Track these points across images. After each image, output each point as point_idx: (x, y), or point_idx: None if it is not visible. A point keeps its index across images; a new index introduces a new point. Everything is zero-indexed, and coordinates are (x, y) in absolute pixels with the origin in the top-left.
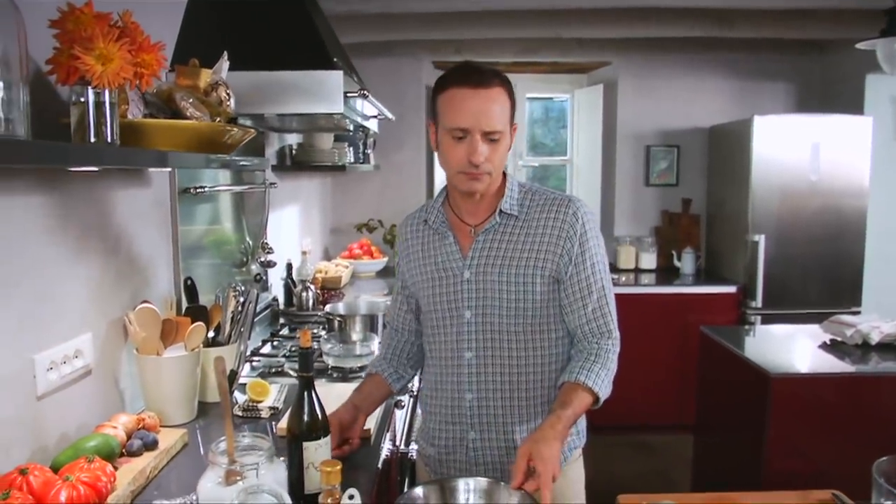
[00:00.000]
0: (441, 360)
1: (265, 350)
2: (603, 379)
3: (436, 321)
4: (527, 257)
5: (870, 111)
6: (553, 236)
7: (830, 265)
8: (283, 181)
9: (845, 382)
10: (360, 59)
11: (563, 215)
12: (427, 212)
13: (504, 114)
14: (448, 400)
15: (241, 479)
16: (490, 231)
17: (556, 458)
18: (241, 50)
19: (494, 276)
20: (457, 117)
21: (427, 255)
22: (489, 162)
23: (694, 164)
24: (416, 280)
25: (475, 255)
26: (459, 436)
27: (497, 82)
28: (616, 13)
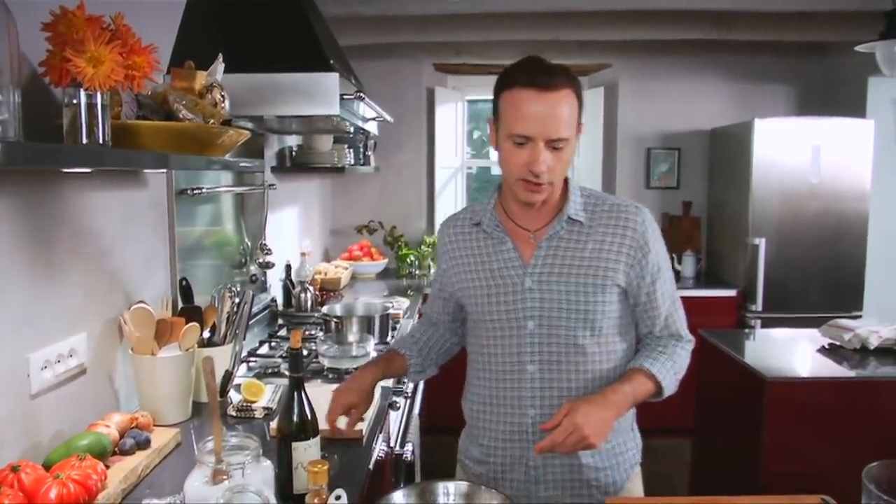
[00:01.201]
0: (497, 374)
1: (262, 351)
2: (668, 370)
3: (492, 331)
4: (595, 266)
5: (871, 114)
6: (623, 245)
7: (831, 269)
8: (283, 182)
9: (842, 387)
10: (360, 62)
11: (633, 224)
12: (478, 214)
13: (571, 119)
14: (507, 416)
15: (228, 479)
16: (554, 238)
17: (597, 421)
18: (238, 52)
19: (560, 286)
20: (520, 123)
21: (479, 260)
22: (551, 172)
23: (694, 166)
24: (464, 286)
25: (538, 262)
26: (519, 454)
27: (565, 83)
28: (615, 16)
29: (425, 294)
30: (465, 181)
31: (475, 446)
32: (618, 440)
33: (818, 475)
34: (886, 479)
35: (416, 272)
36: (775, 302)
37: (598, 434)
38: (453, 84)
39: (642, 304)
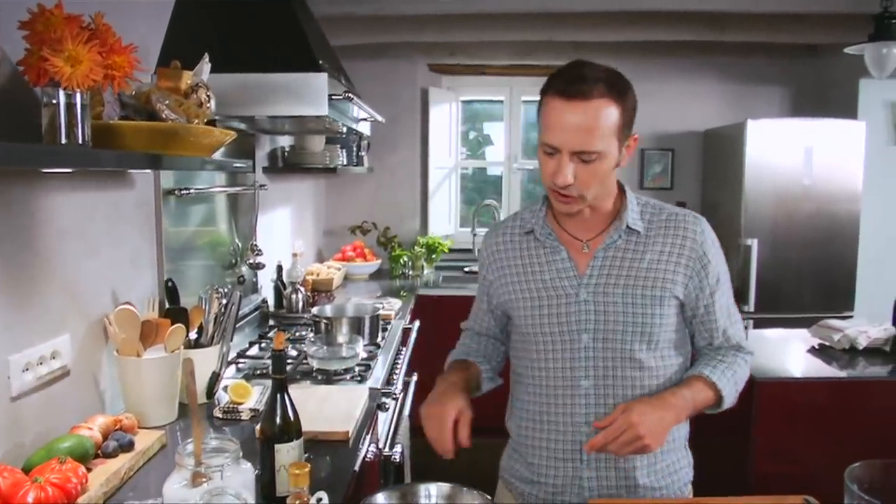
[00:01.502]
0: (548, 389)
1: (252, 352)
2: (728, 379)
3: (542, 344)
4: (654, 277)
5: (863, 116)
6: (682, 255)
7: (824, 269)
8: (275, 183)
9: (831, 387)
10: (354, 62)
11: (692, 234)
12: (528, 222)
13: (605, 130)
14: (559, 433)
15: (207, 481)
16: (611, 248)
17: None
18: (227, 51)
19: (617, 298)
20: (548, 132)
21: (530, 269)
22: (583, 185)
23: (688, 167)
24: (511, 297)
25: (594, 273)
26: (572, 474)
27: (601, 91)
28: (609, 17)
29: (418, 295)
30: (458, 182)
31: (523, 465)
32: (672, 458)
33: (808, 475)
34: (868, 479)
35: (410, 273)
36: (768, 302)
37: (655, 436)
38: (448, 84)
39: (700, 316)
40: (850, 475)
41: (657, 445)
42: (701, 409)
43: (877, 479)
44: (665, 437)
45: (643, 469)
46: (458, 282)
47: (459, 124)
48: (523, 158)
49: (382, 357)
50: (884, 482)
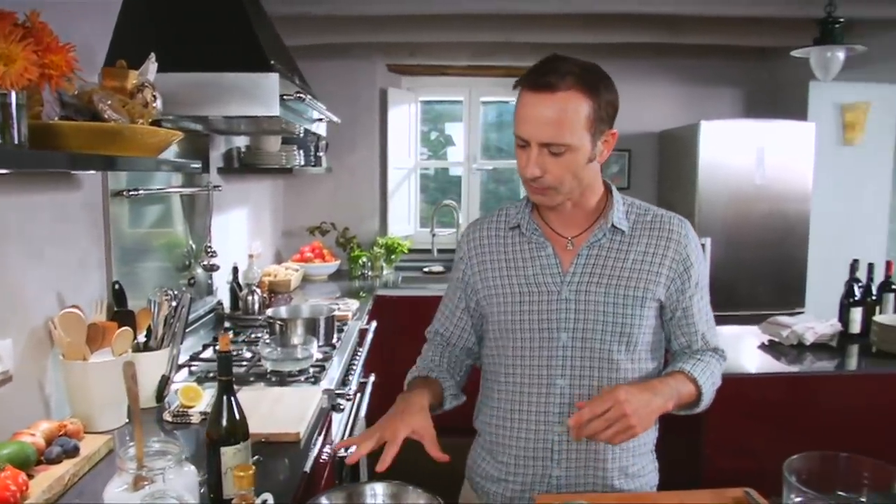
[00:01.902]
0: (522, 387)
1: (206, 354)
2: (707, 377)
3: (520, 341)
4: (636, 277)
5: (813, 117)
6: (665, 257)
7: (776, 267)
8: (231, 184)
9: (780, 382)
10: (312, 62)
11: (676, 236)
12: (514, 217)
13: (575, 123)
14: (531, 432)
15: (149, 484)
16: (595, 246)
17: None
18: (177, 51)
19: (599, 297)
20: (518, 125)
21: (513, 265)
22: (552, 178)
23: (644, 167)
24: (491, 292)
25: (577, 271)
26: (541, 472)
27: (570, 84)
28: (566, 19)
29: (377, 295)
30: (418, 182)
31: (491, 464)
32: (642, 462)
33: (758, 469)
34: (806, 471)
35: (369, 273)
36: (722, 300)
37: (641, 418)
38: (407, 85)
39: (678, 318)
40: (788, 467)
41: (643, 428)
42: (683, 404)
43: (814, 471)
44: (652, 421)
45: (614, 471)
46: (417, 282)
47: (419, 124)
48: (483, 159)
49: (338, 358)
50: (821, 473)
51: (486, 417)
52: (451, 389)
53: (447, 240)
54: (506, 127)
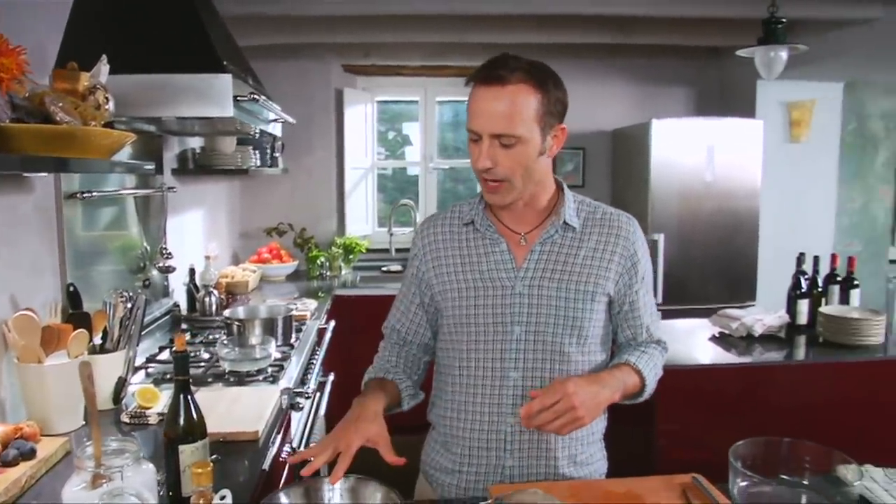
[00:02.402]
0: (476, 379)
1: (162, 356)
2: (651, 369)
3: (474, 335)
4: (587, 273)
5: (761, 115)
6: (615, 253)
7: (727, 262)
8: (186, 185)
9: (730, 372)
10: (267, 62)
11: (625, 233)
12: (467, 213)
13: (524, 115)
14: (485, 423)
15: (107, 482)
16: (548, 242)
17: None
18: (129, 52)
19: (552, 292)
20: (470, 119)
21: (468, 261)
22: (506, 169)
23: (598, 166)
24: (446, 287)
25: (530, 266)
26: (494, 463)
27: (519, 78)
28: (519, 19)
29: (336, 295)
30: (375, 182)
31: (445, 456)
32: (591, 450)
33: (709, 458)
34: (751, 456)
35: (327, 274)
36: (675, 295)
37: (589, 409)
38: (363, 85)
39: (625, 312)
40: (734, 452)
41: (590, 419)
42: (629, 394)
43: (759, 456)
44: (600, 411)
45: (564, 459)
46: (376, 281)
47: (375, 124)
48: (440, 158)
49: (296, 357)
50: (765, 458)
51: (441, 410)
52: (408, 390)
53: (405, 239)
54: (461, 126)
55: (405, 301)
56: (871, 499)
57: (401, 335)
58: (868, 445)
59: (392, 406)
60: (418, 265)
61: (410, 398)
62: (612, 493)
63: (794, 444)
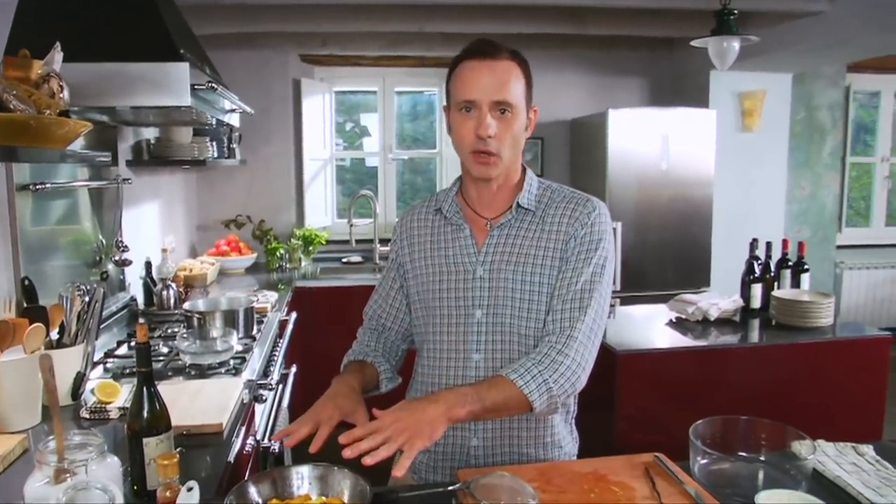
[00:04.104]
0: (441, 361)
1: (121, 351)
2: (534, 378)
3: (440, 318)
4: (542, 255)
5: (714, 105)
6: (566, 234)
7: (683, 249)
8: (141, 177)
9: (686, 356)
10: (223, 51)
11: (578, 213)
12: (439, 201)
13: (516, 88)
14: None
15: (71, 477)
16: (505, 226)
17: (411, 423)
18: (82, 40)
19: (508, 275)
20: (465, 89)
21: (437, 246)
22: (500, 140)
23: (557, 155)
24: (417, 273)
25: (489, 250)
26: (460, 443)
27: (508, 56)
28: (477, 9)
29: (296, 287)
30: (334, 173)
31: None
32: (559, 432)
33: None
34: (710, 434)
35: (287, 265)
36: (633, 281)
37: (418, 430)
38: (321, 75)
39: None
40: (694, 431)
41: (422, 440)
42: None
43: (717, 434)
44: (436, 429)
45: (529, 440)
46: (336, 273)
47: (334, 115)
48: (399, 148)
49: (258, 349)
50: (723, 435)
51: (413, 392)
52: (386, 373)
53: (365, 230)
54: (420, 117)
55: (385, 286)
56: (824, 472)
57: (380, 321)
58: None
59: (370, 387)
60: (397, 251)
61: (388, 381)
62: (578, 474)
63: (751, 422)
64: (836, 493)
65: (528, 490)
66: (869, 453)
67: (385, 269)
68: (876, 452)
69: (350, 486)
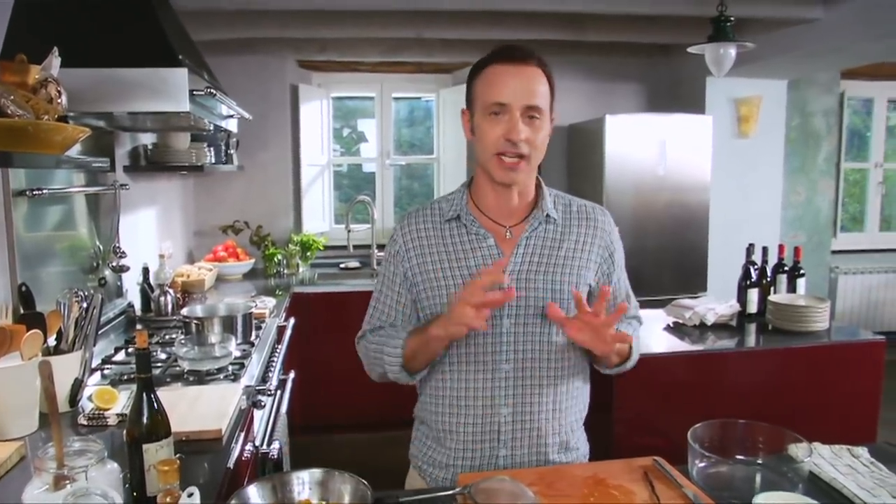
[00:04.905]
0: (468, 374)
1: (118, 357)
2: (636, 341)
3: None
4: (571, 265)
5: (710, 110)
6: (595, 245)
7: (679, 253)
8: (139, 183)
9: (684, 360)
10: (221, 57)
11: (601, 224)
12: (450, 209)
13: (544, 93)
14: (478, 417)
15: (71, 483)
16: (533, 235)
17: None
18: (80, 46)
19: (539, 284)
20: (495, 92)
21: (454, 256)
22: (529, 144)
23: (555, 161)
24: (434, 284)
25: (518, 260)
26: (489, 454)
27: (538, 63)
28: (475, 15)
29: (294, 293)
30: (332, 179)
31: (438, 451)
32: (577, 436)
33: (667, 443)
34: (708, 438)
35: (285, 271)
36: (631, 286)
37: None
38: (318, 81)
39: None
40: (692, 435)
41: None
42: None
43: (716, 437)
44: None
45: (554, 446)
46: (334, 279)
47: (331, 121)
48: (396, 154)
49: (257, 355)
50: (722, 438)
51: (432, 407)
52: None
53: (362, 235)
54: (418, 123)
55: (392, 296)
56: (820, 474)
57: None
58: (815, 425)
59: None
60: (401, 263)
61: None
62: (577, 478)
63: (749, 425)
64: (831, 494)
65: (528, 494)
66: (864, 455)
67: (384, 282)
68: (870, 454)
69: (350, 490)
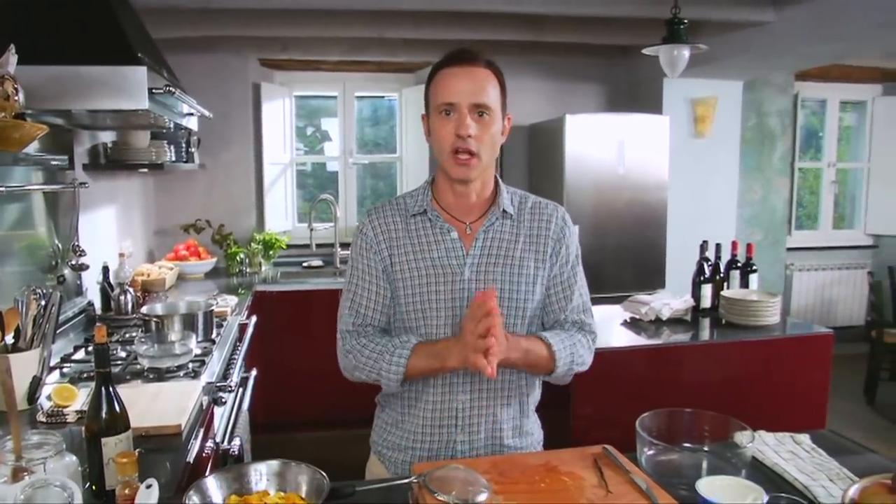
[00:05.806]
0: None
1: (78, 356)
2: (566, 348)
3: (428, 320)
4: (527, 258)
5: (667, 111)
6: (548, 238)
7: (639, 252)
8: (98, 181)
9: (640, 354)
10: (183, 55)
11: (556, 219)
12: (415, 204)
13: (492, 93)
14: (437, 403)
15: (29, 475)
16: (490, 230)
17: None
18: (37, 43)
19: (497, 276)
20: (445, 93)
21: (419, 248)
22: (478, 140)
23: (516, 160)
24: (403, 276)
25: (476, 252)
26: (446, 439)
27: (484, 64)
28: (437, 16)
29: (256, 291)
30: (294, 178)
31: (397, 434)
32: (530, 421)
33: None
34: (657, 427)
35: (247, 270)
36: (591, 283)
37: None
38: (280, 80)
39: (556, 291)
40: (641, 424)
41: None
42: (534, 363)
43: (663, 426)
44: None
45: (508, 431)
46: (296, 277)
47: (294, 120)
48: (359, 153)
49: (218, 353)
50: (669, 427)
51: (396, 395)
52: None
53: (325, 234)
54: (381, 122)
55: (368, 293)
56: (763, 459)
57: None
58: (768, 414)
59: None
60: (373, 255)
61: None
62: (530, 465)
63: (695, 413)
64: (773, 478)
65: (481, 481)
66: (805, 442)
67: (355, 275)
68: (812, 441)
69: (307, 480)
